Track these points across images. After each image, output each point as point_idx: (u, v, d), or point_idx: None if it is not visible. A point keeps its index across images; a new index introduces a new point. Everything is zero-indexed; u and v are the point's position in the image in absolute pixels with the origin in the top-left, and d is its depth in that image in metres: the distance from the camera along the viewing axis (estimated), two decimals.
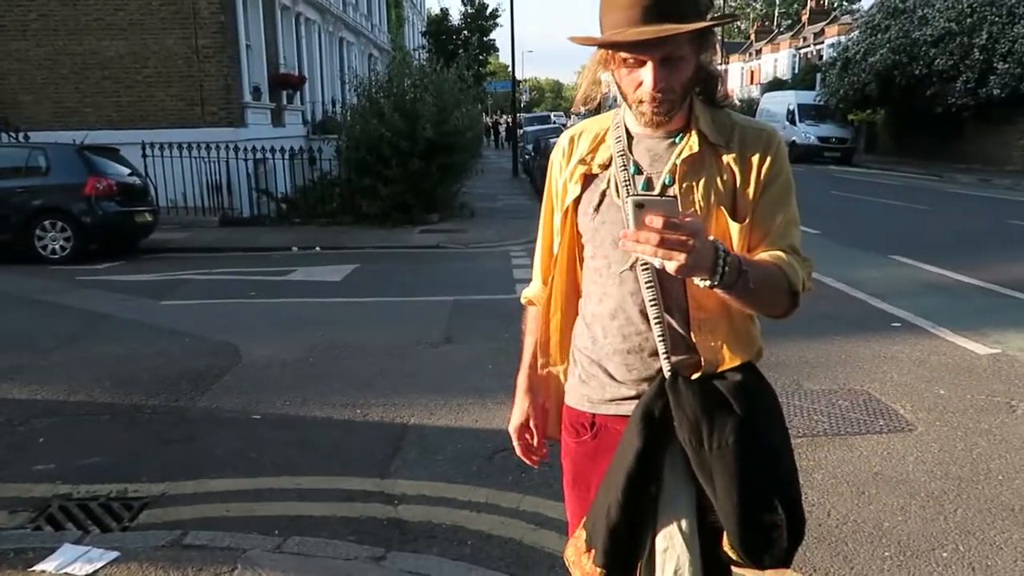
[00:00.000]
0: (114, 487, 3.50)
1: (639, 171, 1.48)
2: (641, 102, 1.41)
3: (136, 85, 13.94)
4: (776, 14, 61.98)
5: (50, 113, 13.74)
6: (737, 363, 1.49)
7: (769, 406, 1.53)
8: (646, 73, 1.38)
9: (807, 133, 27.29)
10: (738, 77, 58.08)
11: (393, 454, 3.87)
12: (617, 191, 1.48)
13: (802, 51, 46.18)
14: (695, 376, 1.46)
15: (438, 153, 13.04)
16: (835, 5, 51.71)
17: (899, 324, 6.07)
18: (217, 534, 2.99)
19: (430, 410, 4.42)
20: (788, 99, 29.68)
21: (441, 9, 37.85)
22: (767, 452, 1.46)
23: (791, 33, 51.18)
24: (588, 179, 1.54)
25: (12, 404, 4.58)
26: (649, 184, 1.47)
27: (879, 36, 25.05)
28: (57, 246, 9.78)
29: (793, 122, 28.11)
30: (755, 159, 1.46)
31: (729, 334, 1.48)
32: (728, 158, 1.46)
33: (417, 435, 4.11)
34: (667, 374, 1.46)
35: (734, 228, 1.44)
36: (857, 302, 6.82)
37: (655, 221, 1.19)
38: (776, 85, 40.91)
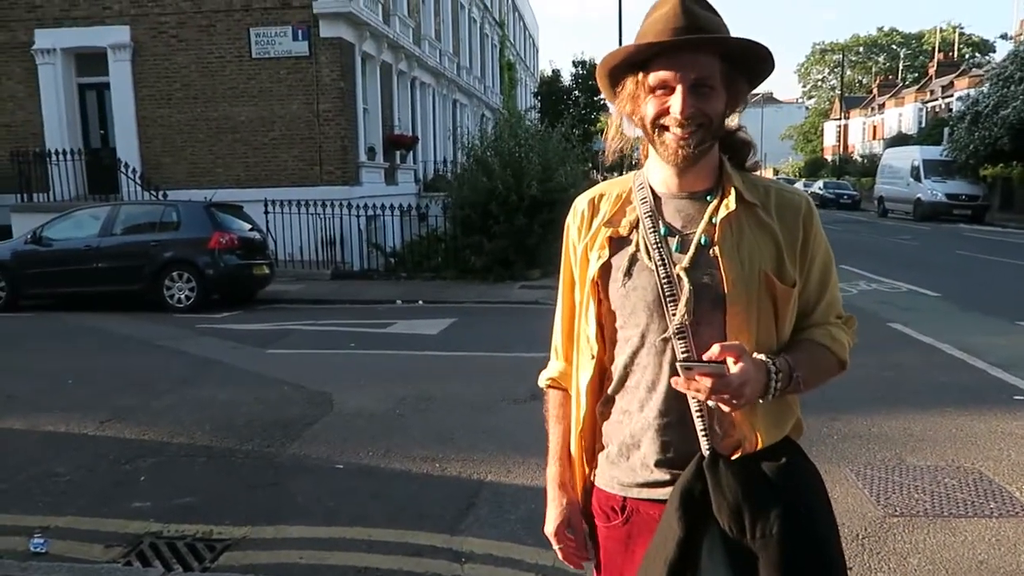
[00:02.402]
0: (201, 528, 3.66)
1: (671, 232, 1.43)
2: (666, 129, 1.37)
3: (263, 147, 15.00)
4: (900, 67, 59.82)
5: (186, 173, 14.96)
6: (779, 439, 1.42)
7: (816, 489, 1.44)
8: (675, 98, 1.36)
9: (934, 190, 25.94)
10: (859, 132, 56.23)
11: (466, 510, 3.87)
12: (648, 254, 1.42)
13: (929, 104, 44.29)
14: (736, 456, 1.39)
15: (542, 210, 13.24)
16: (965, 57, 49.47)
17: (1022, 397, 5.58)
18: None
19: (507, 467, 4.40)
20: (912, 155, 28.41)
21: (553, 71, 38.68)
22: (815, 543, 1.37)
23: (917, 87, 49.26)
24: (615, 243, 1.47)
25: (121, 443, 4.92)
26: (683, 245, 1.41)
27: (1012, 88, 23.74)
28: (183, 295, 10.52)
29: (918, 178, 26.85)
30: (797, 230, 1.43)
31: (772, 409, 1.41)
32: (767, 219, 1.42)
33: (492, 492, 4.10)
34: (705, 453, 1.38)
35: (782, 291, 1.40)
36: (975, 371, 6.32)
37: (704, 381, 1.27)
38: (900, 140, 39.32)
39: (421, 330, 8.91)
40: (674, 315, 1.38)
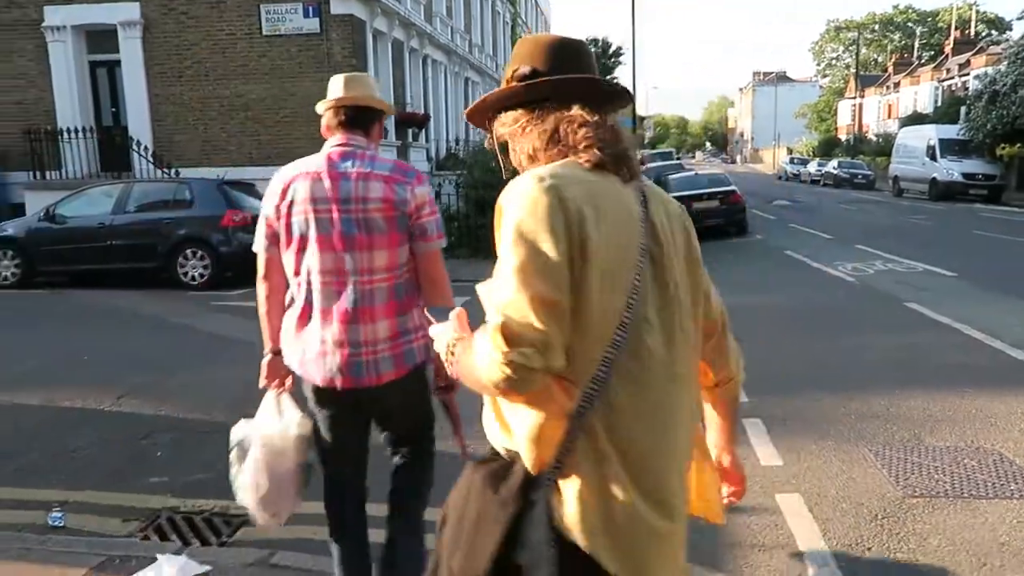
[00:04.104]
0: (217, 503, 3.67)
1: None
2: None
3: (275, 125, 14.92)
4: (916, 45, 58.95)
5: (198, 151, 14.93)
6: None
7: None
8: None
9: (949, 169, 25.62)
10: (874, 111, 55.54)
11: None
12: None
13: (945, 83, 43.64)
14: None
15: None
16: (981, 35, 48.70)
17: None
18: (302, 556, 3.09)
19: None
20: (928, 133, 28.00)
21: None
22: None
23: (933, 65, 48.53)
24: None
25: (137, 419, 4.94)
26: None
27: None
28: (197, 273, 10.54)
29: (934, 158, 26.51)
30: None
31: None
32: None
33: None
34: None
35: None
36: (993, 352, 6.25)
37: None
38: (916, 119, 38.76)
39: None
40: None
